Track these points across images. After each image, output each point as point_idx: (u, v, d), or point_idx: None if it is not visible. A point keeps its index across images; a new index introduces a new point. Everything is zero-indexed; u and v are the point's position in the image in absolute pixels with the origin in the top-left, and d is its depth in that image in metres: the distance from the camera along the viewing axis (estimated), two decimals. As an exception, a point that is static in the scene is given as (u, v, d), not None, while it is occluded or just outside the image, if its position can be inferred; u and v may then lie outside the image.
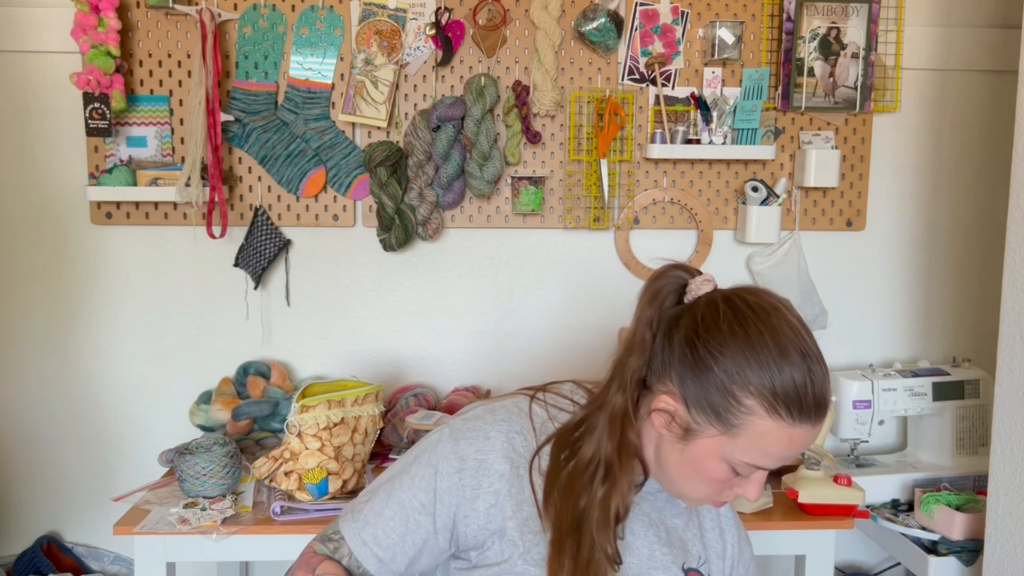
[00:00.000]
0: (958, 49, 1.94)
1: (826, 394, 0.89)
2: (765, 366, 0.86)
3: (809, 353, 0.88)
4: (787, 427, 0.87)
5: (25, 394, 1.94)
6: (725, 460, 0.90)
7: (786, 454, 0.90)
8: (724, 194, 1.95)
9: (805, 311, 1.95)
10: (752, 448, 0.89)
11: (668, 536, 1.01)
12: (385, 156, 1.81)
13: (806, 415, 0.87)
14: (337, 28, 1.84)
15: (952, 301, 2.04)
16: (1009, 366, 1.39)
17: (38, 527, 1.97)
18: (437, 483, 0.97)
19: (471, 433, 0.98)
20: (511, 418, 1.00)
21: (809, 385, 0.87)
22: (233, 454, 1.58)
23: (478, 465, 0.96)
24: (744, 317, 0.88)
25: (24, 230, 1.90)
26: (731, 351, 0.87)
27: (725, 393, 0.87)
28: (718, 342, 0.88)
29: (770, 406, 0.86)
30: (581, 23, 1.82)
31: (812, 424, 0.88)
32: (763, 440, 0.88)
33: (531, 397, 1.04)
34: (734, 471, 0.91)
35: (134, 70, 1.84)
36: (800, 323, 0.91)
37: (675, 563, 1.00)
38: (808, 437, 0.89)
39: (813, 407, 0.87)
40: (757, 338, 0.87)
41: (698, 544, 1.04)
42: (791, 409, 0.86)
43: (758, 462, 0.90)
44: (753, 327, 0.88)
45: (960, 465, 1.82)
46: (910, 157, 1.99)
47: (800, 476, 1.59)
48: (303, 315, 1.95)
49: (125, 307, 1.93)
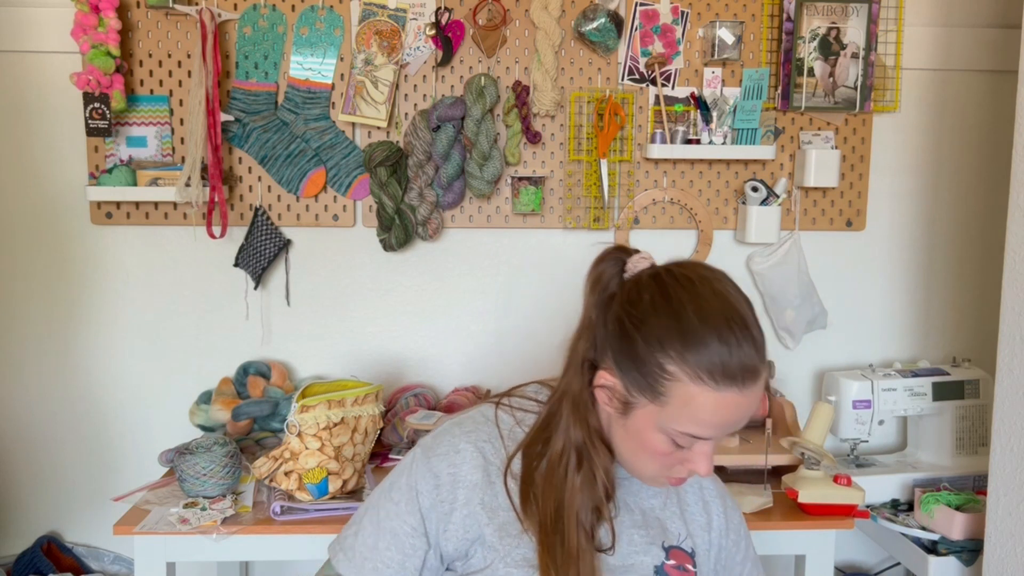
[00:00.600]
0: (958, 49, 1.94)
1: (752, 359, 0.88)
2: (685, 332, 0.88)
3: (733, 318, 0.89)
4: (711, 392, 0.87)
5: (25, 394, 1.94)
6: (662, 431, 0.91)
7: (718, 421, 0.89)
8: (724, 194, 1.95)
9: (805, 311, 1.95)
10: (682, 416, 0.89)
11: (644, 519, 1.03)
12: (385, 156, 1.81)
13: (730, 379, 0.87)
14: (337, 28, 1.84)
15: (952, 301, 2.04)
16: (1009, 366, 1.39)
17: (38, 527, 1.97)
18: (420, 503, 0.98)
19: (441, 448, 1.00)
20: (478, 428, 1.02)
21: (731, 348, 0.87)
22: (233, 454, 1.58)
23: (452, 479, 0.98)
24: (666, 287, 0.91)
25: (24, 230, 1.90)
26: (653, 320, 0.90)
27: (650, 362, 0.89)
28: (641, 313, 0.91)
29: (692, 371, 0.87)
30: (581, 23, 1.82)
31: (740, 389, 0.88)
32: (691, 407, 0.88)
33: (496, 404, 1.05)
34: (675, 443, 0.92)
35: (134, 70, 1.84)
36: (730, 291, 0.92)
37: (654, 544, 1.01)
38: (739, 403, 0.89)
39: (738, 371, 0.87)
40: (678, 306, 0.89)
41: (677, 522, 1.05)
42: (713, 373, 0.87)
43: (692, 430, 0.90)
44: (675, 296, 0.90)
45: (960, 465, 1.82)
46: (910, 157, 1.99)
47: (800, 476, 1.59)
48: (303, 315, 1.95)
49: (125, 307, 1.93)
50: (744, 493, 1.58)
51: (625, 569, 0.98)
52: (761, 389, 0.91)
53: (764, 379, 0.91)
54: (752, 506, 1.56)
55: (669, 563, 1.01)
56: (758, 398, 0.91)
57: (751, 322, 0.90)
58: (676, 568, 1.01)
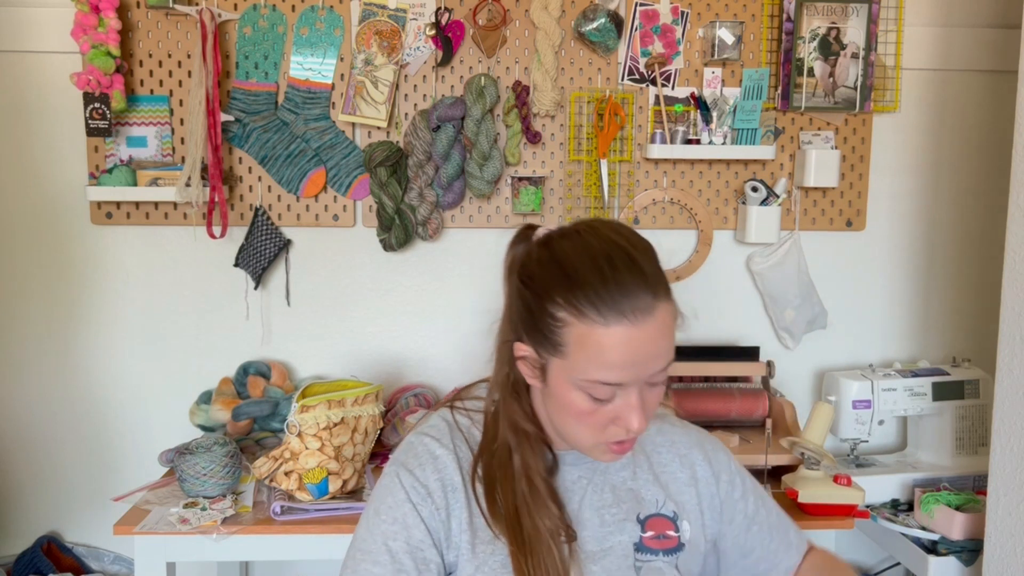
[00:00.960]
0: (958, 49, 1.94)
1: (638, 290, 0.87)
2: (567, 275, 0.88)
3: (615, 254, 0.88)
4: (601, 328, 0.86)
5: (25, 394, 1.94)
6: (576, 387, 0.90)
7: (619, 360, 0.87)
8: (724, 194, 1.95)
9: (805, 311, 1.95)
10: (583, 362, 0.88)
11: (615, 494, 1.01)
12: (385, 156, 1.81)
13: (616, 312, 0.86)
14: (337, 28, 1.84)
15: (952, 301, 2.04)
16: (1009, 366, 1.39)
17: (38, 527, 1.97)
18: (421, 513, 0.95)
19: (419, 460, 0.98)
20: (444, 434, 1.01)
21: (611, 281, 0.86)
22: (233, 454, 1.58)
23: (441, 486, 0.96)
24: (552, 243, 0.93)
25: (24, 230, 1.90)
26: (539, 273, 0.91)
27: (543, 314, 0.90)
28: (530, 271, 0.93)
29: (577, 311, 0.87)
30: (581, 23, 1.82)
31: (631, 322, 0.86)
32: (587, 349, 0.87)
33: (451, 408, 1.05)
34: (593, 398, 0.90)
35: (134, 70, 1.84)
36: (617, 235, 0.91)
37: (628, 518, 1.00)
38: (635, 339, 0.86)
39: (623, 303, 0.86)
40: (560, 255, 0.90)
41: (652, 488, 1.03)
42: (598, 308, 0.86)
43: (598, 376, 0.88)
44: (558, 248, 0.92)
45: (960, 465, 1.82)
46: (910, 157, 1.99)
47: (800, 476, 1.59)
48: (303, 315, 1.95)
49: (125, 307, 1.93)
50: (744, 493, 1.58)
51: (603, 554, 0.97)
52: (663, 324, 0.88)
53: (664, 313, 0.88)
54: (752, 506, 1.56)
55: (647, 535, 1.00)
56: (660, 334, 0.88)
57: (639, 258, 0.89)
58: (656, 538, 1.00)
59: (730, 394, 1.80)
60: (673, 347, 0.91)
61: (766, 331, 2.01)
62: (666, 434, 1.09)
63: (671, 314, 0.90)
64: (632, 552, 0.98)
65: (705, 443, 1.10)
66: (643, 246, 0.92)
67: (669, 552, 1.00)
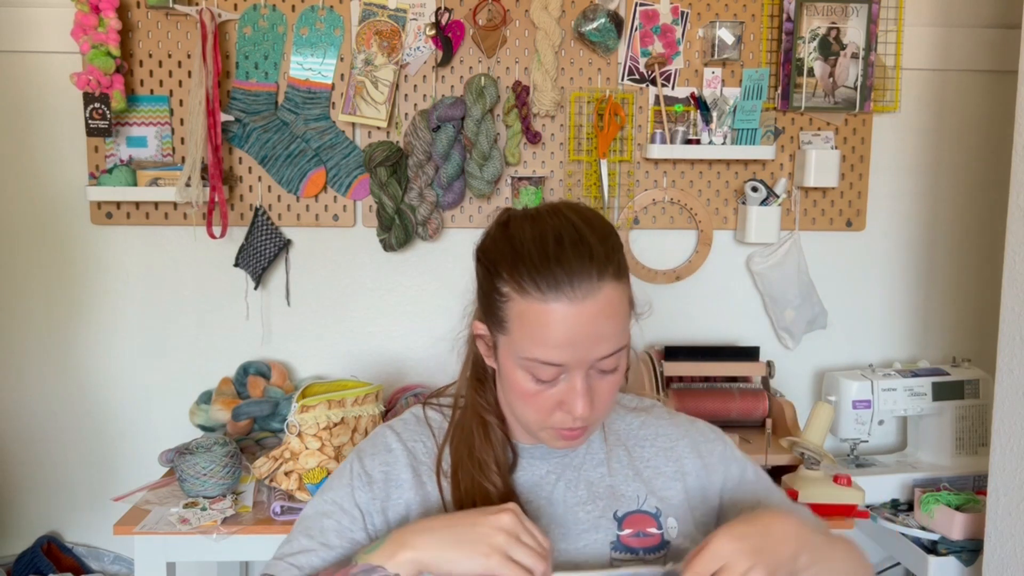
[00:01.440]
0: (958, 49, 1.94)
1: (581, 266, 0.84)
2: (513, 251, 0.87)
3: (564, 230, 0.86)
4: (539, 304, 0.84)
5: (25, 394, 1.94)
6: (519, 365, 0.88)
7: (556, 339, 0.84)
8: (724, 194, 1.95)
9: (805, 311, 1.95)
10: (524, 339, 0.86)
11: (590, 491, 0.98)
12: (385, 156, 1.81)
13: (554, 287, 0.83)
14: (337, 28, 1.84)
15: (952, 301, 2.04)
16: (1009, 366, 1.39)
17: (38, 527, 1.97)
18: (356, 498, 0.96)
19: (373, 449, 1.00)
20: (408, 428, 1.02)
21: (554, 256, 0.84)
22: (233, 454, 1.58)
23: (384, 478, 0.97)
24: (508, 222, 0.91)
25: (24, 230, 1.90)
26: (492, 250, 0.91)
27: (491, 290, 0.89)
28: (484, 247, 0.93)
29: (517, 285, 0.85)
30: (581, 23, 1.82)
31: (570, 300, 0.83)
32: (527, 326, 0.85)
33: (424, 404, 1.05)
34: (535, 378, 0.87)
35: (134, 70, 1.84)
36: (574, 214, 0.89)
37: (604, 516, 0.97)
38: (574, 317, 0.84)
39: (563, 278, 0.83)
40: (512, 232, 0.89)
41: (634, 483, 1.00)
42: (537, 283, 0.84)
43: (538, 354, 0.85)
44: (513, 226, 0.90)
45: (960, 465, 1.82)
46: (910, 157, 1.99)
47: (800, 476, 1.59)
48: (303, 315, 1.95)
49: (125, 307, 1.93)
50: (744, 493, 1.58)
51: (578, 552, 0.95)
52: (607, 305, 0.85)
53: (610, 295, 0.85)
54: (752, 506, 1.56)
55: (624, 533, 0.96)
56: (603, 315, 0.85)
57: (590, 237, 0.86)
58: (634, 536, 0.96)
59: (730, 394, 1.80)
60: (623, 333, 0.88)
61: (766, 331, 2.01)
62: (650, 427, 1.05)
63: (619, 297, 0.87)
64: (608, 551, 0.96)
65: (695, 434, 1.05)
66: (600, 226, 0.89)
67: (650, 550, 0.97)
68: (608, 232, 0.90)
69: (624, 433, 1.04)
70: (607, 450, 1.02)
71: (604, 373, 0.89)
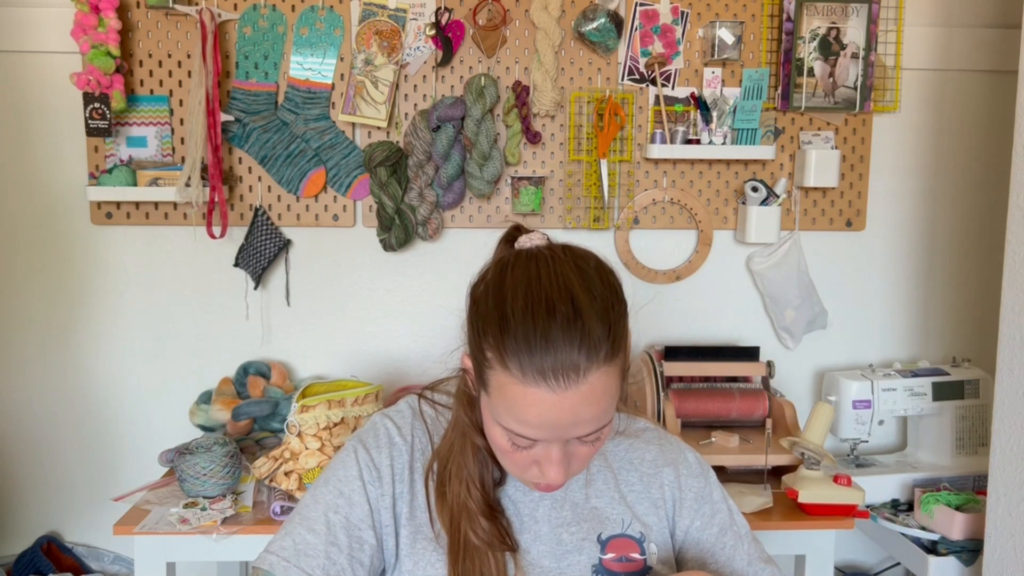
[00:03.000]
0: (958, 49, 1.94)
1: (569, 356, 0.78)
2: (502, 318, 0.81)
3: (558, 306, 0.79)
4: (519, 384, 0.79)
5: (25, 394, 1.94)
6: (497, 424, 0.85)
7: (534, 420, 0.80)
8: (724, 194, 1.95)
9: (805, 311, 1.95)
10: (501, 408, 0.82)
11: (575, 513, 0.97)
12: (385, 156, 1.81)
13: (538, 374, 0.78)
14: (337, 28, 1.84)
15: (952, 301, 2.04)
16: (1009, 366, 1.39)
17: (38, 527, 1.97)
18: (368, 493, 0.92)
19: (378, 442, 0.96)
20: (407, 422, 0.99)
21: (542, 340, 0.78)
22: (233, 454, 1.58)
23: (391, 472, 0.94)
24: (505, 270, 0.84)
25: (24, 230, 1.90)
26: (483, 305, 0.85)
27: (476, 347, 0.85)
28: (477, 296, 0.87)
29: (502, 360, 0.80)
30: (581, 23, 1.82)
31: (551, 388, 0.78)
32: (506, 399, 0.81)
33: (419, 396, 1.03)
34: (512, 441, 0.85)
35: (134, 70, 1.84)
36: (575, 275, 0.82)
37: (587, 539, 0.95)
38: (554, 404, 0.79)
39: (547, 367, 0.77)
40: (507, 291, 0.82)
41: (619, 507, 0.98)
42: (522, 364, 0.78)
43: (512, 426, 0.82)
44: (508, 281, 0.83)
45: (960, 465, 1.82)
46: (910, 157, 1.99)
47: (800, 476, 1.59)
48: (303, 315, 1.95)
49: (125, 307, 1.93)
50: (744, 493, 1.58)
51: (559, 572, 0.94)
52: (593, 391, 0.79)
53: (598, 380, 0.79)
54: (752, 506, 1.56)
55: (607, 557, 0.94)
56: (586, 402, 0.79)
57: (587, 309, 0.79)
58: (617, 560, 0.95)
59: (730, 394, 1.80)
60: (607, 412, 0.83)
61: (766, 331, 2.01)
62: (637, 451, 1.02)
63: (606, 383, 0.81)
64: (590, 573, 0.94)
65: (681, 465, 1.02)
66: (603, 294, 0.82)
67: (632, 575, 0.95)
68: (611, 301, 0.83)
69: (611, 455, 1.02)
70: (593, 472, 1.00)
71: (584, 442, 0.86)
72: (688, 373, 1.83)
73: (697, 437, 1.75)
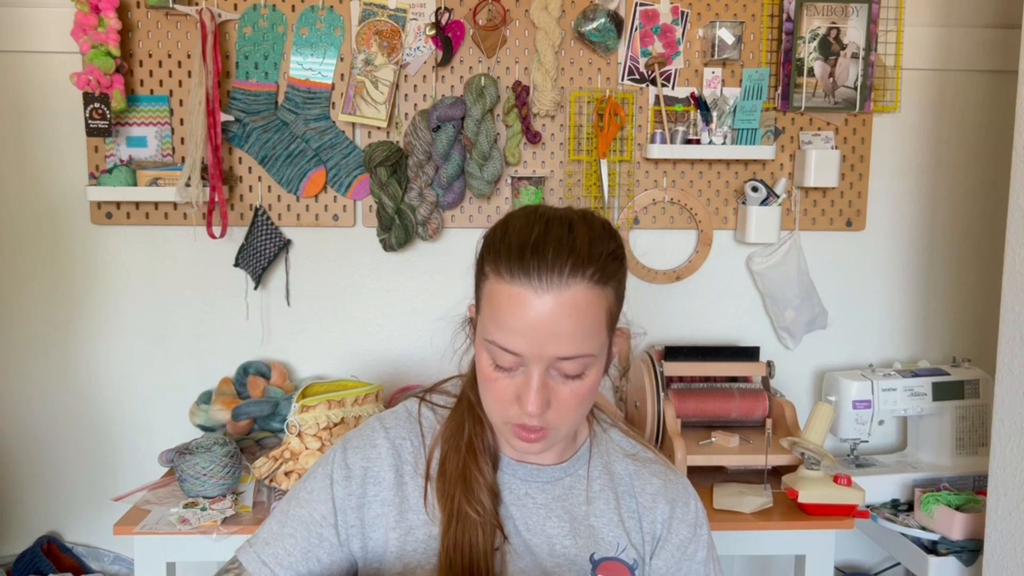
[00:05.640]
0: (958, 49, 1.94)
1: (554, 253, 0.82)
2: (503, 234, 0.87)
3: (552, 220, 0.86)
4: (506, 285, 0.83)
5: (25, 394, 1.94)
6: (484, 347, 0.87)
7: (511, 323, 0.83)
8: (724, 194, 1.95)
9: (805, 311, 1.95)
10: (488, 320, 0.86)
11: (573, 526, 0.96)
12: (385, 156, 1.81)
13: (521, 268, 0.82)
14: (337, 28, 1.84)
15: (952, 301, 2.04)
16: (1009, 366, 1.39)
17: (38, 527, 1.98)
18: (333, 492, 0.93)
19: (359, 442, 0.97)
20: (399, 424, 0.99)
21: (529, 238, 0.83)
22: (233, 454, 1.58)
23: (363, 473, 0.94)
24: (513, 212, 0.91)
25: (24, 230, 1.90)
26: (488, 235, 0.91)
27: (478, 271, 0.90)
28: (484, 235, 0.92)
29: (493, 264, 0.85)
30: (581, 23, 1.82)
31: (532, 288, 0.81)
32: (492, 307, 0.85)
33: (420, 400, 1.03)
34: (495, 363, 0.86)
35: (134, 70, 1.84)
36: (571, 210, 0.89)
37: (580, 555, 0.94)
38: (530, 304, 0.82)
39: (532, 261, 0.82)
40: (513, 218, 0.89)
41: (615, 529, 0.97)
42: (508, 261, 0.83)
43: (495, 337, 0.84)
44: (515, 216, 0.90)
45: (960, 465, 1.82)
46: (910, 157, 1.99)
47: (800, 476, 1.59)
48: (303, 315, 1.95)
49: (125, 307, 1.93)
50: (744, 493, 1.58)
51: None
52: (573, 305, 0.82)
53: (579, 294, 0.82)
54: (752, 506, 1.56)
55: None
56: (565, 314, 0.82)
57: (582, 232, 0.85)
58: None
59: (730, 394, 1.80)
60: (590, 340, 0.84)
61: (766, 331, 2.01)
62: (641, 479, 1.01)
63: (589, 300, 0.83)
64: None
65: (679, 507, 1.00)
66: (601, 231, 0.87)
67: None
68: (607, 237, 0.87)
69: (617, 476, 1.01)
70: (596, 490, 0.99)
71: (567, 378, 0.86)
72: (688, 373, 1.83)
73: (697, 437, 1.75)
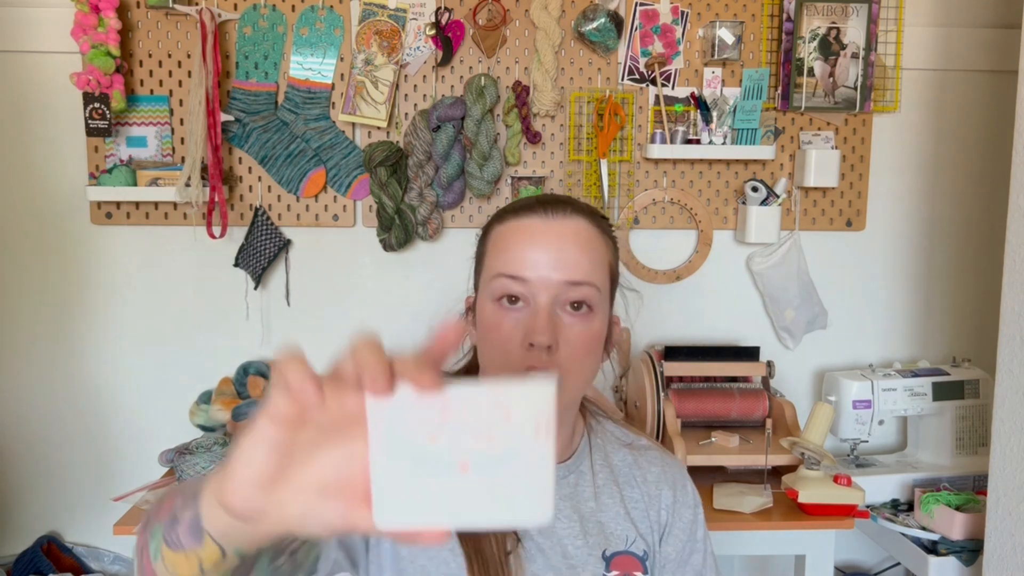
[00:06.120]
0: (958, 49, 1.94)
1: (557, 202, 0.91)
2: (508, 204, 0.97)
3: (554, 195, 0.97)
4: (513, 221, 0.91)
5: (25, 394, 1.94)
6: (489, 298, 0.90)
7: (523, 247, 0.88)
8: (724, 194, 1.95)
9: (805, 311, 1.95)
10: (495, 260, 0.91)
11: (583, 525, 0.96)
12: (385, 156, 1.81)
13: (528, 207, 0.91)
14: (337, 28, 1.84)
15: (952, 301, 2.04)
16: (1009, 366, 1.39)
17: (38, 527, 1.97)
18: None
19: None
20: None
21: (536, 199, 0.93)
22: (233, 454, 1.58)
23: None
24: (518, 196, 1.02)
25: (24, 230, 1.90)
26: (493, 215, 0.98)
27: (482, 243, 0.97)
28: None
29: (499, 219, 0.94)
30: (581, 23, 1.82)
31: (540, 216, 0.90)
32: (499, 245, 0.91)
33: None
34: (504, 297, 0.89)
35: (134, 70, 1.84)
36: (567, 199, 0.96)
37: (592, 554, 0.94)
38: (539, 227, 0.89)
39: (539, 202, 0.91)
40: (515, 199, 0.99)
41: (623, 523, 0.97)
42: (516, 208, 0.92)
43: (503, 268, 0.89)
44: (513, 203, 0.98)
45: (960, 465, 1.82)
46: (910, 157, 1.99)
47: (800, 476, 1.59)
48: (303, 315, 1.95)
49: (125, 307, 1.93)
50: (744, 493, 1.58)
51: None
52: (577, 233, 0.89)
53: (582, 226, 0.90)
54: (752, 506, 1.56)
55: (611, 575, 0.94)
56: (570, 240, 0.88)
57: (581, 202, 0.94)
58: None
59: (730, 394, 1.80)
60: (595, 271, 0.89)
61: (766, 331, 2.01)
62: (641, 467, 1.02)
63: (594, 236, 0.91)
64: None
65: (679, 490, 1.02)
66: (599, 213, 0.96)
67: None
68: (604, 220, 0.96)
69: (617, 468, 1.02)
70: (600, 485, 0.99)
71: (574, 313, 0.88)
72: (688, 373, 1.83)
73: (697, 437, 1.75)
